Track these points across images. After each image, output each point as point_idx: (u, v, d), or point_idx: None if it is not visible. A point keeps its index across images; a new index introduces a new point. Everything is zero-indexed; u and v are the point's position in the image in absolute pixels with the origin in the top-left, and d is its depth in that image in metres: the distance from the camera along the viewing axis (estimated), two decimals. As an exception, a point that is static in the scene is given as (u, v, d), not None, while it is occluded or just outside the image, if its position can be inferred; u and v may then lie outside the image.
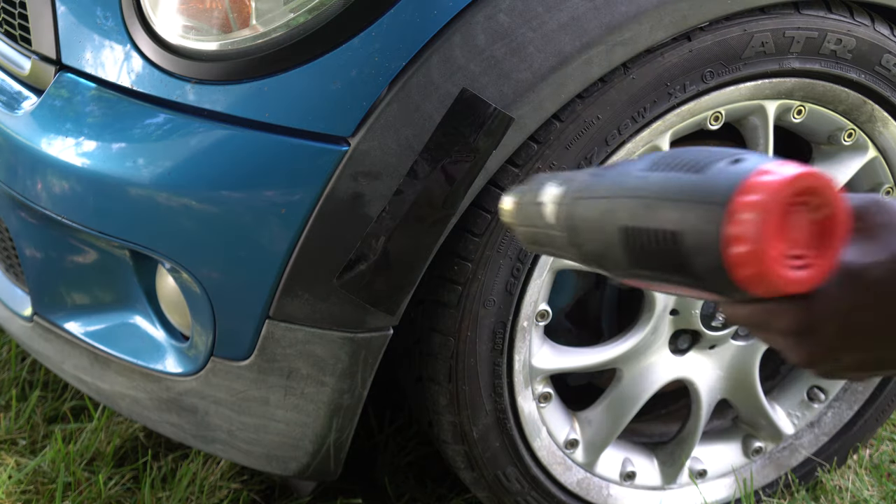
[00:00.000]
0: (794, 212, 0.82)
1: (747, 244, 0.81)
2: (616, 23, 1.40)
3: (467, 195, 1.41)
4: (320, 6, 1.37)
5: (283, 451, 1.56)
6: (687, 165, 0.87)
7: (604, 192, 0.94)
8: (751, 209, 0.81)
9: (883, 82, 1.62)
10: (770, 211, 0.80)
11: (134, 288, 1.58)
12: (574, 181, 0.99)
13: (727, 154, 0.86)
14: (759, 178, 0.81)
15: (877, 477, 1.95)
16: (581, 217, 0.96)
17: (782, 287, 0.83)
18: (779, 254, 0.81)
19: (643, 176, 0.90)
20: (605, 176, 0.95)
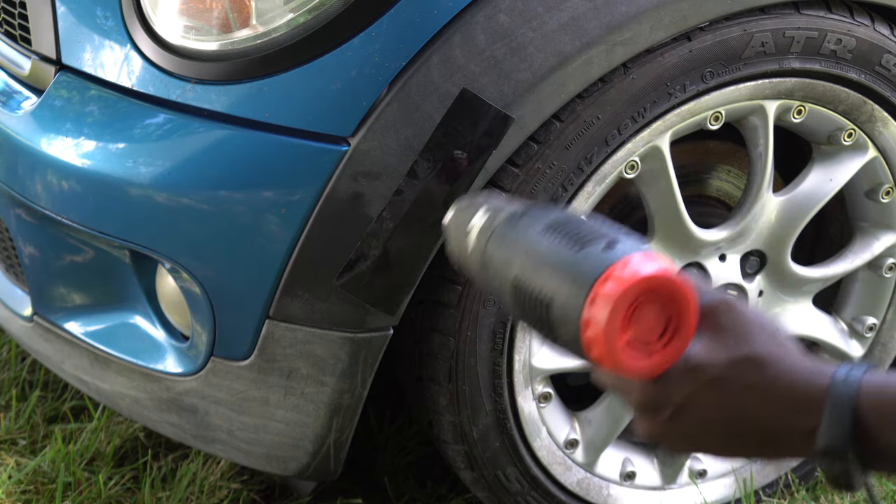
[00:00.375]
0: (645, 304, 0.91)
1: (597, 329, 0.91)
2: (616, 23, 1.40)
3: (467, 195, 1.41)
4: (320, 6, 1.37)
5: (283, 451, 1.56)
6: (573, 238, 0.97)
7: (509, 240, 1.04)
8: (604, 299, 0.91)
9: (883, 82, 1.62)
10: (620, 303, 0.90)
11: (134, 288, 1.58)
12: (497, 217, 1.08)
13: (607, 235, 0.96)
14: (618, 272, 0.91)
15: (877, 477, 1.95)
16: (489, 258, 1.06)
17: (626, 371, 0.93)
18: (625, 342, 0.91)
19: (538, 239, 1.00)
20: (518, 225, 1.04)
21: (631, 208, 1.72)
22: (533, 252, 1.00)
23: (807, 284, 1.75)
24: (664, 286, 0.92)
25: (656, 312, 0.93)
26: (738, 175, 1.81)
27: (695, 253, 1.64)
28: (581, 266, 0.94)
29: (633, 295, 0.91)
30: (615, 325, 0.91)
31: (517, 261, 1.02)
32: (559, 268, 0.96)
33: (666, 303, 0.93)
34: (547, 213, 1.04)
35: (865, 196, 1.75)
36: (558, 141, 1.44)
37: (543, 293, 0.97)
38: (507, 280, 1.02)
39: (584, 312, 0.92)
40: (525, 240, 1.02)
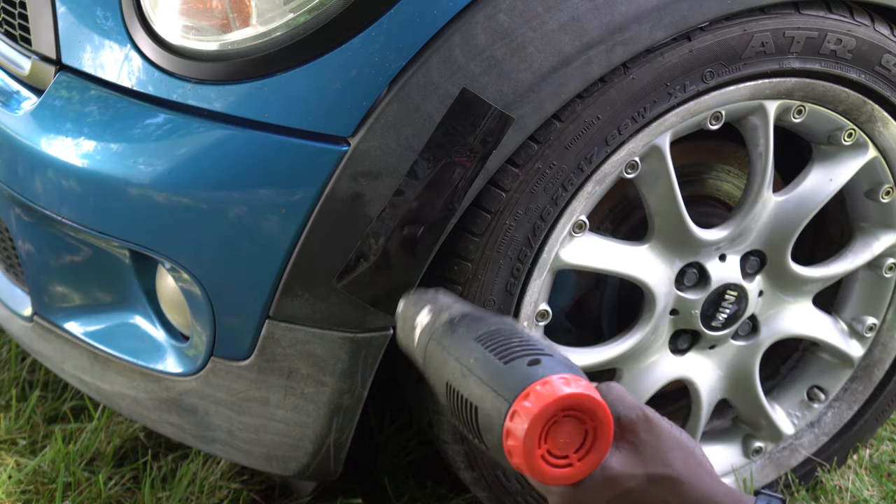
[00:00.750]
0: (562, 420, 0.99)
1: (517, 441, 0.99)
2: (616, 23, 1.40)
3: (467, 195, 1.41)
4: (320, 6, 1.37)
5: (283, 451, 1.56)
6: (502, 351, 1.06)
7: (447, 344, 1.14)
8: (523, 414, 0.98)
9: (883, 82, 1.62)
10: (538, 419, 0.98)
11: (134, 288, 1.58)
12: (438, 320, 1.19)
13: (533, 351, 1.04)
14: (536, 389, 0.99)
15: (877, 477, 1.95)
16: (428, 357, 1.16)
17: (544, 480, 1.01)
18: (541, 454, 0.99)
19: (470, 348, 1.09)
20: (455, 331, 1.14)
21: (631, 208, 1.72)
22: (464, 361, 1.09)
23: (807, 284, 1.75)
24: (581, 405, 0.99)
25: (574, 427, 1.00)
26: (738, 175, 1.81)
27: (695, 253, 1.64)
28: (505, 380, 1.02)
29: (550, 413, 0.98)
30: (533, 439, 0.99)
31: (450, 366, 1.10)
32: (485, 379, 1.04)
33: (583, 419, 1.00)
34: (483, 322, 1.14)
35: (865, 196, 1.75)
36: (558, 141, 1.44)
37: (471, 400, 1.05)
38: (441, 381, 1.12)
39: (505, 424, 1.00)
40: (458, 348, 1.11)
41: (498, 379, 1.03)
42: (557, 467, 1.01)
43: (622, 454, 1.04)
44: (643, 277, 1.61)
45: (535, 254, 1.49)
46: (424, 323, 1.21)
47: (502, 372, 1.04)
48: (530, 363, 1.03)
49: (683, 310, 1.66)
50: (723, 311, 1.68)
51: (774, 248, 1.69)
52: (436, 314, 1.21)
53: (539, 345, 1.07)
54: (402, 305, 1.29)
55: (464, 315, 1.17)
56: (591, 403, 1.00)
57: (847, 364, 1.87)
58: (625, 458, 1.04)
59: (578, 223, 1.52)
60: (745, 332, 1.76)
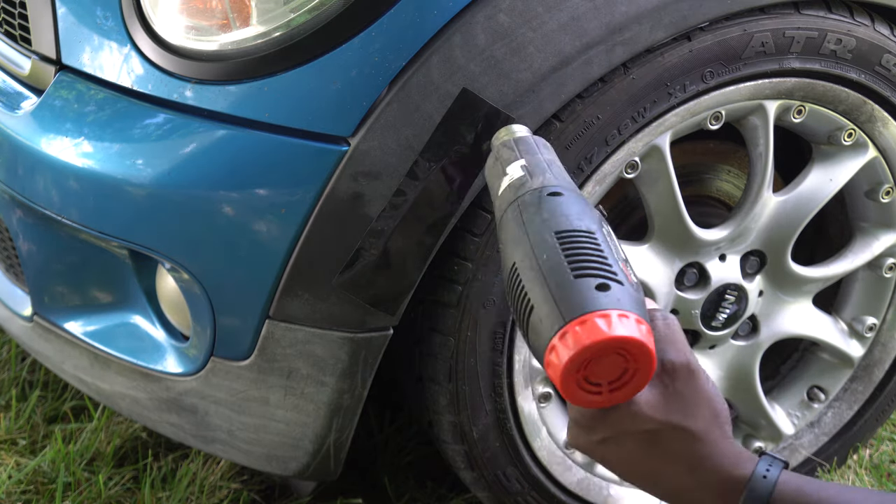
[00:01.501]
0: (608, 355, 0.98)
1: (557, 361, 0.98)
2: (616, 23, 1.40)
3: (467, 195, 1.41)
4: (320, 6, 1.37)
5: (283, 451, 1.56)
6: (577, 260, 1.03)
7: (527, 220, 1.10)
8: (572, 341, 0.97)
9: (883, 82, 1.62)
10: (584, 352, 0.97)
11: (134, 288, 1.58)
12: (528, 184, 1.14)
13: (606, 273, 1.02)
14: (594, 321, 0.97)
15: (877, 477, 1.95)
16: (505, 221, 1.13)
17: (571, 399, 1.01)
18: (577, 378, 0.99)
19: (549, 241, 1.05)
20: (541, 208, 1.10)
21: (631, 208, 1.72)
22: (538, 252, 1.04)
23: (807, 284, 1.76)
24: (630, 348, 0.98)
25: (617, 362, 0.99)
26: (738, 175, 1.81)
27: (695, 253, 1.64)
28: (568, 296, 1.00)
29: (598, 349, 0.97)
30: (574, 366, 0.98)
31: (522, 250, 1.06)
32: (550, 285, 1.01)
33: (627, 358, 0.99)
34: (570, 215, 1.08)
35: (865, 196, 1.75)
36: (558, 141, 1.44)
37: (530, 296, 1.02)
38: (509, 260, 1.08)
39: (552, 339, 0.98)
40: (537, 233, 1.07)
41: (562, 292, 1.00)
42: (588, 392, 1.00)
43: (653, 395, 1.05)
44: (643, 277, 1.61)
45: (535, 254, 1.49)
46: (515, 177, 1.16)
47: (569, 286, 1.00)
48: (598, 286, 1.00)
49: (683, 310, 1.66)
50: (723, 311, 1.68)
51: (774, 248, 1.69)
52: (528, 174, 1.16)
53: (614, 266, 1.03)
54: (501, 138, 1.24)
55: (555, 192, 1.12)
56: (640, 349, 0.98)
57: (847, 364, 1.87)
58: (654, 400, 1.05)
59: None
60: (745, 332, 1.76)
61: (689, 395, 1.06)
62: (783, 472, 1.05)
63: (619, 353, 0.98)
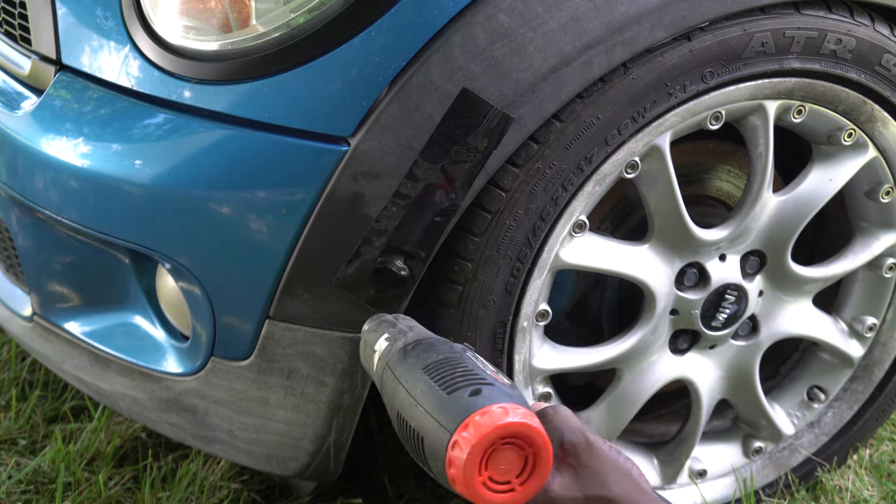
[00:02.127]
0: (502, 448, 1.03)
1: (458, 470, 1.03)
2: (616, 23, 1.40)
3: (467, 195, 1.41)
4: (320, 6, 1.37)
5: (283, 451, 1.56)
6: (446, 380, 1.10)
7: (398, 373, 1.19)
8: (463, 444, 1.03)
9: (883, 82, 1.62)
10: (477, 448, 1.02)
11: (134, 288, 1.58)
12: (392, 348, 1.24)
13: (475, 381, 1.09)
14: (475, 420, 1.03)
15: (877, 477, 1.95)
16: (383, 385, 1.22)
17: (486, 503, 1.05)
18: (482, 480, 1.03)
19: (417, 379, 1.14)
20: (405, 361, 1.19)
21: (631, 208, 1.72)
22: (412, 390, 1.13)
23: (807, 284, 1.75)
24: (519, 433, 1.03)
25: (514, 454, 1.04)
26: (738, 175, 1.81)
27: (695, 253, 1.64)
28: (447, 411, 1.07)
29: (488, 442, 1.02)
30: (473, 467, 1.03)
31: (400, 395, 1.16)
32: (430, 410, 1.09)
33: (523, 446, 1.04)
34: (432, 351, 1.18)
35: (865, 196, 1.75)
36: (558, 141, 1.44)
37: (418, 430, 1.10)
38: (393, 410, 1.17)
39: (447, 454, 1.04)
40: (407, 377, 1.17)
41: (441, 409, 1.08)
42: (499, 492, 1.05)
43: (563, 477, 1.10)
44: (643, 277, 1.61)
45: (535, 254, 1.49)
46: (381, 349, 1.27)
47: (445, 402, 1.08)
48: (471, 394, 1.07)
49: (683, 310, 1.66)
50: (723, 311, 1.68)
51: (774, 248, 1.69)
52: (392, 341, 1.27)
53: (482, 374, 1.11)
54: (366, 328, 1.35)
55: (417, 343, 1.22)
56: (529, 431, 1.04)
57: (847, 364, 1.87)
58: (566, 481, 1.10)
59: (578, 223, 1.52)
60: (745, 332, 1.76)
61: (596, 465, 1.10)
62: None
63: (511, 442, 1.04)
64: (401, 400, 1.15)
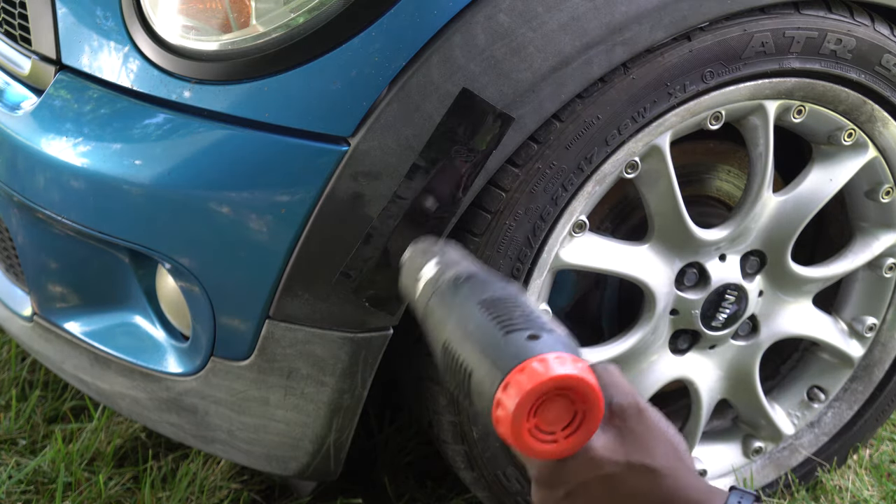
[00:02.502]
0: (553, 398, 0.99)
1: (505, 413, 0.99)
2: (616, 23, 1.40)
3: (467, 195, 1.41)
4: (320, 6, 1.37)
5: (283, 451, 1.56)
6: (503, 320, 1.05)
7: (447, 304, 1.14)
8: (515, 389, 0.98)
9: (883, 82, 1.62)
10: (529, 396, 0.98)
11: (134, 288, 1.58)
12: (444, 275, 1.18)
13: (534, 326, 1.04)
14: (532, 365, 0.99)
15: (877, 477, 1.95)
16: (429, 312, 1.16)
17: (527, 452, 1.01)
18: (528, 428, 0.99)
19: (472, 311, 1.09)
20: (458, 291, 1.14)
21: (631, 208, 1.72)
22: (464, 323, 1.09)
23: (807, 284, 1.75)
24: (574, 386, 0.99)
25: (564, 405, 1.00)
26: (738, 175, 1.81)
27: (695, 253, 1.64)
28: (503, 351, 1.02)
29: (542, 390, 0.98)
30: (522, 413, 0.99)
31: (449, 327, 1.10)
32: (483, 346, 1.04)
33: (575, 400, 1.00)
34: (488, 287, 1.13)
35: (865, 196, 1.75)
36: (558, 141, 1.44)
37: (466, 363, 1.05)
38: (439, 340, 1.12)
39: (496, 394, 1.00)
40: (460, 308, 1.11)
41: (496, 349, 1.03)
42: (542, 442, 1.01)
43: (608, 438, 1.05)
44: (643, 277, 1.61)
45: (535, 254, 1.49)
46: (430, 276, 1.20)
47: (501, 342, 1.03)
48: (529, 337, 1.03)
49: (683, 310, 1.66)
50: (723, 311, 1.68)
51: (774, 248, 1.69)
52: (442, 269, 1.20)
53: (540, 320, 1.06)
54: (409, 253, 1.28)
55: (470, 275, 1.16)
56: (585, 386, 1.00)
57: (847, 364, 1.87)
58: (610, 443, 1.05)
59: (578, 223, 1.52)
60: (745, 332, 1.76)
61: (643, 432, 1.06)
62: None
63: (564, 393, 1.00)
64: (450, 331, 1.10)
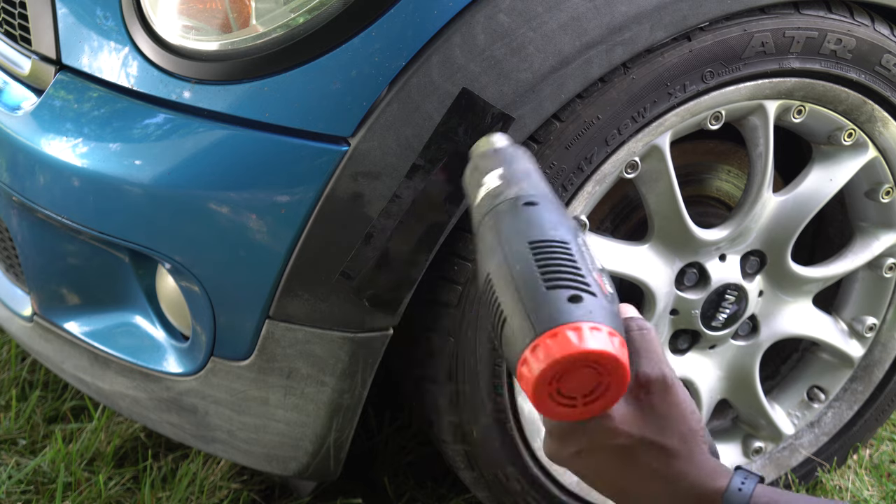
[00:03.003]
0: (580, 368, 0.97)
1: (530, 373, 0.96)
2: (616, 23, 1.40)
3: (467, 195, 1.41)
4: (320, 6, 1.37)
5: (283, 451, 1.56)
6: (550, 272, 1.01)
7: (502, 229, 1.08)
8: (543, 353, 0.96)
9: (883, 82, 1.62)
10: (556, 364, 0.95)
11: (134, 288, 1.58)
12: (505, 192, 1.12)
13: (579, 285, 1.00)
14: (566, 333, 0.96)
15: (877, 477, 1.95)
16: (481, 231, 1.11)
17: (544, 412, 1.00)
18: (549, 391, 0.98)
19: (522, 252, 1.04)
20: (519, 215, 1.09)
21: (631, 208, 1.72)
22: (511, 263, 1.04)
23: (807, 284, 1.75)
24: (602, 362, 0.97)
25: (589, 375, 0.98)
26: (738, 175, 1.81)
27: (695, 253, 1.64)
28: (540, 308, 0.99)
29: (569, 362, 0.96)
30: (546, 378, 0.97)
31: (497, 259, 1.06)
32: (523, 297, 1.01)
33: (599, 372, 0.98)
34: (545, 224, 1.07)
35: (865, 196, 1.75)
36: (558, 141, 1.44)
37: (503, 307, 1.02)
38: (483, 270, 1.07)
39: (524, 352, 0.97)
40: (511, 242, 1.06)
41: (535, 302, 0.99)
42: (561, 405, 0.99)
43: (628, 409, 1.04)
44: (643, 277, 1.61)
45: (535, 254, 1.49)
46: (491, 187, 1.14)
47: (541, 297, 0.99)
48: (571, 298, 0.99)
49: (683, 310, 1.66)
50: (723, 311, 1.68)
51: (774, 248, 1.69)
52: (505, 183, 1.14)
53: (587, 277, 1.02)
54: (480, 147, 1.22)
55: (531, 201, 1.10)
56: (613, 363, 0.97)
57: (847, 364, 1.87)
58: (629, 414, 1.04)
59: (578, 223, 1.52)
60: (745, 332, 1.76)
61: (663, 410, 1.05)
62: (758, 486, 1.05)
63: (592, 366, 0.97)
64: (496, 265, 1.05)
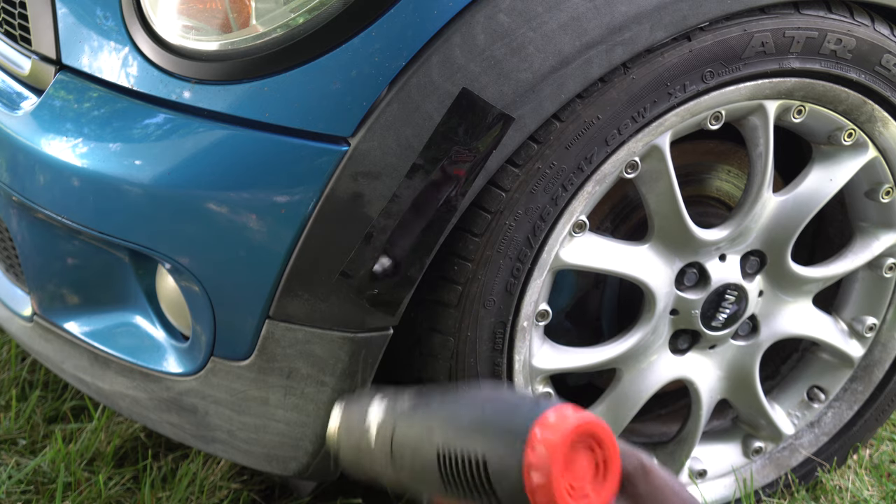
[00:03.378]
0: (578, 450, 0.99)
1: (544, 473, 0.97)
2: (616, 23, 1.40)
3: (467, 195, 1.41)
4: (320, 6, 1.37)
5: (283, 451, 1.56)
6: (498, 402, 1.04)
7: (422, 417, 1.10)
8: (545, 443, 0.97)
9: (883, 82, 1.62)
10: (562, 446, 0.97)
11: (134, 288, 1.58)
12: (399, 402, 1.14)
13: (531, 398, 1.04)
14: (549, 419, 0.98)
15: (877, 477, 1.95)
16: (401, 442, 1.10)
17: None
18: (565, 484, 0.98)
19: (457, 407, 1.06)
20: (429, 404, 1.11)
21: (631, 208, 1.72)
22: (456, 419, 1.06)
23: (807, 284, 1.75)
24: (592, 432, 1.00)
25: (587, 457, 1.00)
26: (738, 175, 1.81)
27: (695, 253, 1.64)
28: (513, 419, 1.01)
29: (571, 438, 0.98)
30: (560, 467, 0.97)
31: (438, 432, 1.06)
32: (489, 425, 1.02)
33: (594, 448, 1.00)
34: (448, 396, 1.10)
35: (865, 196, 1.75)
36: (558, 141, 1.44)
37: (476, 454, 1.02)
38: (429, 455, 1.06)
39: (525, 459, 0.97)
40: (440, 416, 1.08)
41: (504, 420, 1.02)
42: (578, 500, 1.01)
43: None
44: (643, 277, 1.61)
45: (535, 254, 1.49)
46: (382, 413, 1.16)
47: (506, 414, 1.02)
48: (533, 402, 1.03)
49: (683, 310, 1.66)
50: (723, 311, 1.68)
51: (774, 248, 1.69)
52: (392, 399, 1.17)
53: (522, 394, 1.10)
54: (338, 417, 1.23)
55: (423, 397, 1.15)
56: (601, 431, 1.01)
57: (847, 364, 1.87)
58: None
59: (578, 223, 1.52)
60: (745, 332, 1.76)
61: (654, 493, 1.09)
62: None
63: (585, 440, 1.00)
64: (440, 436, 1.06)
